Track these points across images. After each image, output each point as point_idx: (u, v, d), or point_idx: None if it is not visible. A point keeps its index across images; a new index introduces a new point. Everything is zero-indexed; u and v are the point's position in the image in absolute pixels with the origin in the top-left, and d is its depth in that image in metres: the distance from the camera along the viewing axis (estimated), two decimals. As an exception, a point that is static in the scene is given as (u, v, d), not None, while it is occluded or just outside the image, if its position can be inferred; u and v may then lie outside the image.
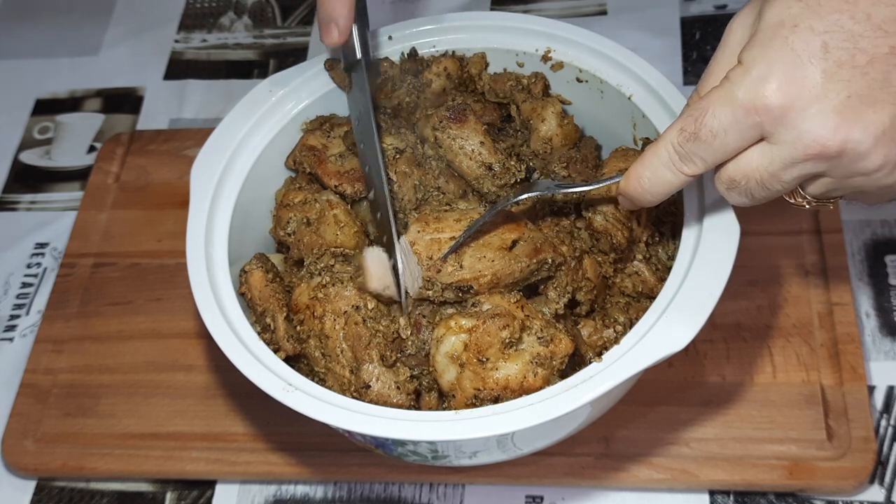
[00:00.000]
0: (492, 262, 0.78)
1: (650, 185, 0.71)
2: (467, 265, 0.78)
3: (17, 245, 1.17)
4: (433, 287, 0.79)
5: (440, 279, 0.78)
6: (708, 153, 0.67)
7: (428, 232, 0.80)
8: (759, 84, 0.63)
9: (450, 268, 0.78)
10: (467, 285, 0.78)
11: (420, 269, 0.79)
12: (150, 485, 0.97)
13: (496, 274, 0.78)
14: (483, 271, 0.78)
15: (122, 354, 1.03)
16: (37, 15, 1.40)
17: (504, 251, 0.79)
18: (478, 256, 0.78)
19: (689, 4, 1.24)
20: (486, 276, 0.78)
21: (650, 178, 0.70)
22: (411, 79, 0.95)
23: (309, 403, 0.75)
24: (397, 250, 0.80)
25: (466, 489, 0.92)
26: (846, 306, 0.93)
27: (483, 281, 0.78)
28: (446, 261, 0.78)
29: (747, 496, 0.88)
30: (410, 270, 0.80)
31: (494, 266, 0.78)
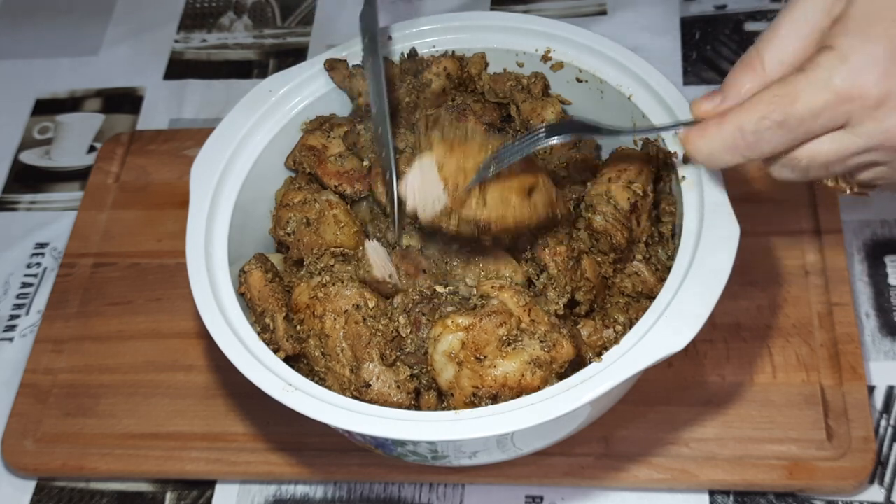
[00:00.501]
0: (514, 208, 0.75)
1: (706, 159, 0.70)
2: (491, 204, 0.74)
3: (17, 245, 1.17)
4: (451, 218, 0.75)
5: (462, 212, 0.74)
6: (786, 139, 0.65)
7: (454, 156, 0.75)
8: (858, 74, 0.62)
9: (474, 202, 0.74)
10: (487, 225, 0.75)
11: (445, 196, 0.74)
12: (150, 485, 0.97)
13: (517, 220, 0.75)
14: (506, 215, 0.75)
15: (122, 354, 1.03)
16: (37, 15, 1.40)
17: (524, 197, 0.76)
18: (501, 197, 0.75)
19: (689, 4, 1.24)
20: (507, 220, 0.75)
21: (707, 156, 0.69)
22: (411, 79, 0.95)
23: (308, 403, 0.75)
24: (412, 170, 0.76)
25: (466, 489, 0.92)
26: (846, 306, 0.93)
27: (503, 224, 0.75)
28: (470, 193, 0.74)
29: (747, 496, 0.88)
30: (427, 192, 0.75)
31: (517, 212, 0.75)
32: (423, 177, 0.76)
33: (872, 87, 0.62)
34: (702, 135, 0.69)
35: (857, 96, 0.62)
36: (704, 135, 0.69)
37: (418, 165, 0.76)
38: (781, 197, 1.01)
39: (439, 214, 0.75)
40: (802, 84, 0.64)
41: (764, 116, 0.65)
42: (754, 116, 0.66)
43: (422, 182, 0.76)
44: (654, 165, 0.88)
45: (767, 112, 0.65)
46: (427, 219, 0.76)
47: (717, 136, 0.68)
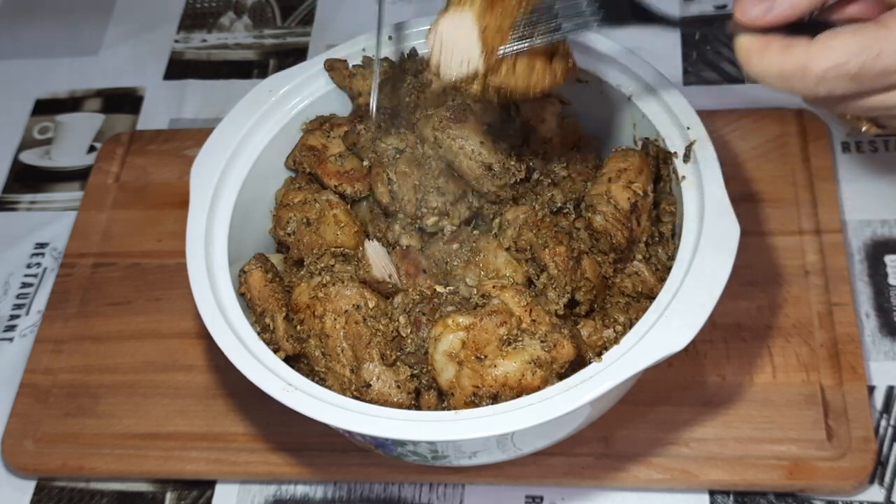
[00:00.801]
0: (538, 75, 0.71)
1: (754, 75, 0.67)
2: (520, 72, 0.70)
3: (16, 245, 1.17)
4: (474, 83, 0.70)
5: (492, 79, 0.69)
6: (850, 89, 0.65)
7: (494, 15, 0.68)
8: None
9: (504, 69, 0.69)
10: (511, 91, 0.71)
11: (480, 59, 0.68)
12: (149, 485, 0.97)
13: (540, 88, 0.71)
14: (534, 85, 0.70)
15: (122, 354, 1.03)
16: (37, 15, 1.40)
17: (547, 64, 0.71)
18: (528, 64, 0.70)
19: (689, 4, 1.24)
20: (530, 89, 0.70)
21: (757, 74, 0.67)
22: (411, 79, 0.95)
23: (308, 403, 0.75)
24: (445, 21, 0.69)
25: (466, 489, 0.92)
26: (846, 306, 0.93)
27: (525, 93, 0.71)
28: (504, 59, 0.69)
29: (747, 496, 0.88)
30: (459, 51, 0.69)
31: (538, 79, 0.71)
32: (456, 33, 0.69)
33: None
34: (761, 56, 0.66)
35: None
36: (763, 57, 0.66)
37: (454, 18, 0.69)
38: (781, 197, 1.01)
39: (464, 77, 0.70)
40: (886, 41, 0.63)
41: (838, 65, 0.64)
42: (826, 63, 0.64)
43: (455, 38, 0.69)
44: (654, 165, 0.88)
45: (843, 61, 0.64)
46: (448, 79, 0.71)
47: (775, 64, 0.66)
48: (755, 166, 1.04)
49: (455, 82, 0.70)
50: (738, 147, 1.05)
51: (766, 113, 1.07)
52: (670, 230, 0.88)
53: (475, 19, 0.68)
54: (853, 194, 1.03)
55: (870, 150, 1.06)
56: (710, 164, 0.82)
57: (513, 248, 0.83)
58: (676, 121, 0.86)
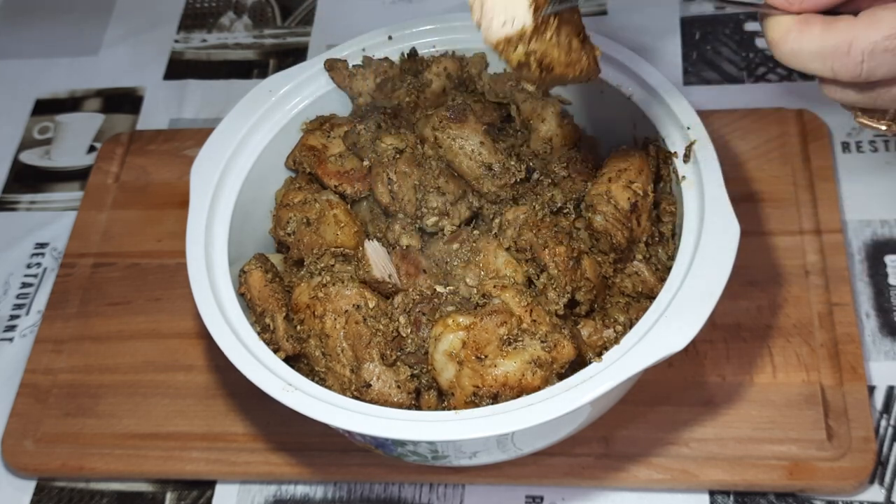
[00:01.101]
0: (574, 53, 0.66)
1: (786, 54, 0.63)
2: (562, 42, 0.64)
3: (16, 245, 1.17)
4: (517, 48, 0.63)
5: (536, 44, 0.63)
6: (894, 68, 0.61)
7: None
8: None
9: (549, 34, 0.63)
10: (551, 65, 0.65)
11: (529, 16, 0.62)
12: (149, 485, 0.97)
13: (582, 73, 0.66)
14: (574, 62, 0.65)
15: (122, 354, 1.03)
16: (37, 15, 1.40)
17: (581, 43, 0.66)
18: (569, 37, 0.65)
19: (689, 4, 1.24)
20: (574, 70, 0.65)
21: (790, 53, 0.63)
22: (411, 79, 0.95)
23: (309, 403, 0.75)
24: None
25: (466, 489, 0.92)
26: (846, 306, 0.93)
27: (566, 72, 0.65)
28: (548, 21, 0.63)
29: (747, 496, 0.88)
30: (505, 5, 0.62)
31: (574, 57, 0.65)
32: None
33: None
34: (800, 31, 0.62)
35: None
36: (804, 33, 0.62)
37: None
38: (781, 197, 1.01)
39: (507, 39, 0.63)
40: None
41: (890, 36, 0.60)
42: (875, 35, 0.61)
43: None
44: (654, 165, 0.88)
45: (894, 33, 0.60)
46: (491, 40, 0.64)
47: (816, 40, 0.62)
48: (755, 166, 1.04)
49: (498, 44, 0.63)
50: (738, 147, 1.05)
51: (766, 113, 1.07)
52: (670, 230, 0.88)
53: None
54: (853, 194, 1.03)
55: (870, 150, 1.06)
56: (710, 164, 0.82)
57: (513, 248, 0.83)
58: (676, 121, 0.86)
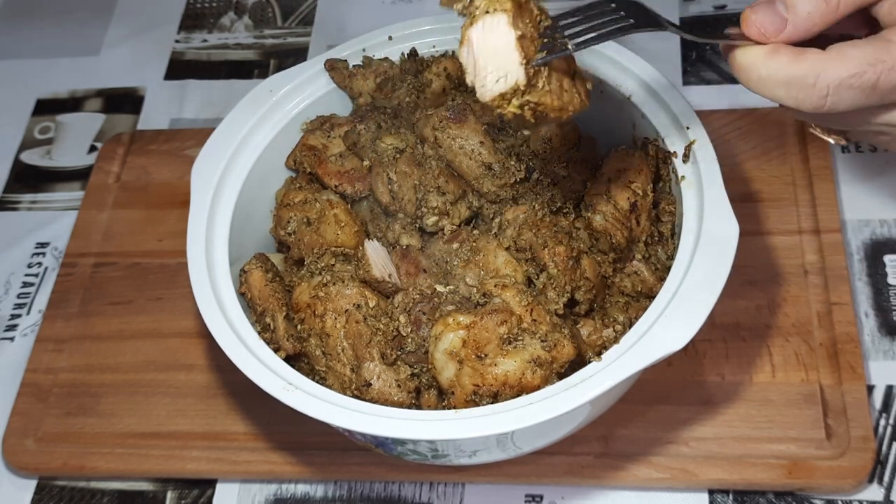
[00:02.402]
0: (566, 93, 0.65)
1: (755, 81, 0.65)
2: (555, 88, 0.64)
3: (17, 245, 1.17)
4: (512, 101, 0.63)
5: (530, 95, 0.63)
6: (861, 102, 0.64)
7: (524, 18, 0.62)
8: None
9: (542, 81, 0.63)
10: (545, 113, 0.65)
11: (521, 71, 0.61)
12: (150, 484, 0.97)
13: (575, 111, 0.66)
14: (567, 104, 0.65)
15: (123, 354, 1.03)
16: (37, 15, 1.40)
17: (572, 82, 0.66)
18: (560, 81, 0.64)
19: (689, 4, 1.24)
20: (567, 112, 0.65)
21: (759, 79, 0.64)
22: (411, 79, 0.95)
23: (309, 402, 0.75)
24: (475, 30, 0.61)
25: (466, 488, 0.92)
26: (845, 306, 0.94)
27: (559, 115, 0.65)
28: (539, 72, 0.63)
29: (746, 495, 0.88)
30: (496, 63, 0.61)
31: (567, 98, 0.65)
32: (491, 42, 0.61)
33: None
34: (768, 60, 0.64)
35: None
36: (771, 62, 0.64)
37: (485, 26, 0.61)
38: (781, 196, 1.01)
39: (501, 95, 0.63)
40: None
41: (854, 75, 0.62)
42: (843, 72, 0.63)
43: (490, 49, 0.61)
44: (654, 165, 0.88)
45: (860, 71, 0.62)
46: (486, 98, 0.63)
47: (783, 70, 0.64)
48: (755, 166, 1.04)
49: (493, 101, 0.63)
50: (738, 147, 1.05)
51: (765, 113, 1.07)
52: (670, 230, 0.88)
53: (510, 24, 0.61)
54: (852, 194, 1.03)
55: (869, 150, 1.07)
56: (709, 163, 0.82)
57: (512, 247, 0.83)
58: (676, 121, 0.86)
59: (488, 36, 0.61)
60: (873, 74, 0.63)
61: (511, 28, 0.61)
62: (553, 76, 0.64)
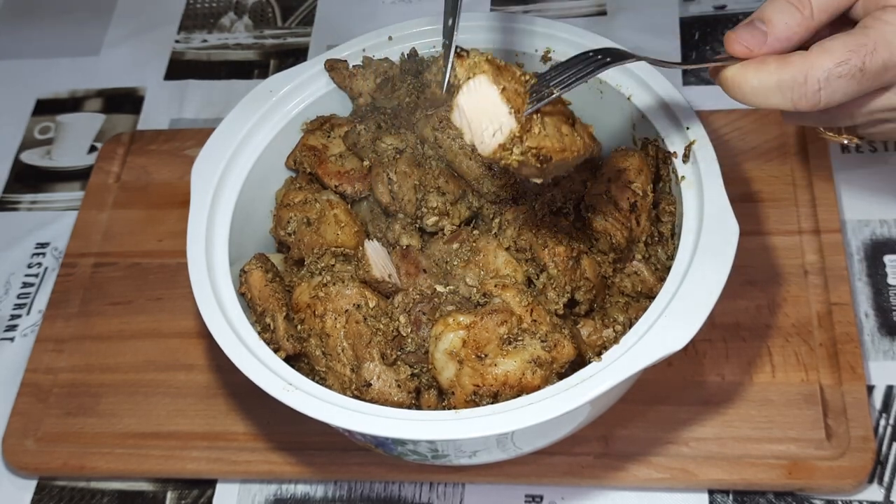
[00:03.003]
0: (566, 138, 0.68)
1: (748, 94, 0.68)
2: (551, 133, 0.67)
3: (17, 245, 1.17)
4: (513, 151, 0.66)
5: (527, 141, 0.66)
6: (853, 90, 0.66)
7: (505, 77, 0.65)
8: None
9: (536, 129, 0.66)
10: (548, 157, 0.67)
11: (512, 120, 0.65)
12: (150, 484, 0.97)
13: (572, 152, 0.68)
14: (570, 146, 0.68)
15: (123, 354, 1.03)
16: (38, 15, 1.40)
17: (571, 127, 0.70)
18: (556, 126, 0.67)
19: (689, 5, 1.24)
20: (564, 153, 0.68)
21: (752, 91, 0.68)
22: (411, 79, 0.95)
23: (309, 403, 0.75)
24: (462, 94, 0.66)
25: (466, 488, 0.92)
26: (845, 306, 0.94)
27: (561, 157, 0.68)
28: (532, 119, 0.66)
29: (746, 495, 0.88)
30: (488, 119, 0.66)
31: (568, 142, 0.68)
32: (478, 102, 0.66)
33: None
34: (757, 69, 0.67)
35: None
36: (760, 70, 0.67)
37: (470, 89, 0.66)
38: (781, 196, 1.01)
39: (501, 146, 0.66)
40: (880, 40, 0.65)
41: (840, 63, 0.65)
42: (828, 63, 0.65)
43: (479, 108, 0.66)
44: (654, 165, 0.88)
45: (844, 59, 0.65)
46: (487, 152, 0.67)
47: (774, 73, 0.66)
48: (755, 166, 1.04)
49: (495, 154, 0.67)
50: (738, 147, 1.05)
51: (765, 113, 1.07)
52: (670, 230, 0.88)
53: (491, 81, 0.65)
54: (852, 194, 1.03)
55: (869, 150, 1.07)
56: (709, 164, 0.83)
57: (512, 247, 0.83)
58: (676, 121, 0.86)
59: (474, 96, 0.66)
60: (858, 59, 0.65)
61: (493, 84, 0.65)
62: (548, 121, 0.67)
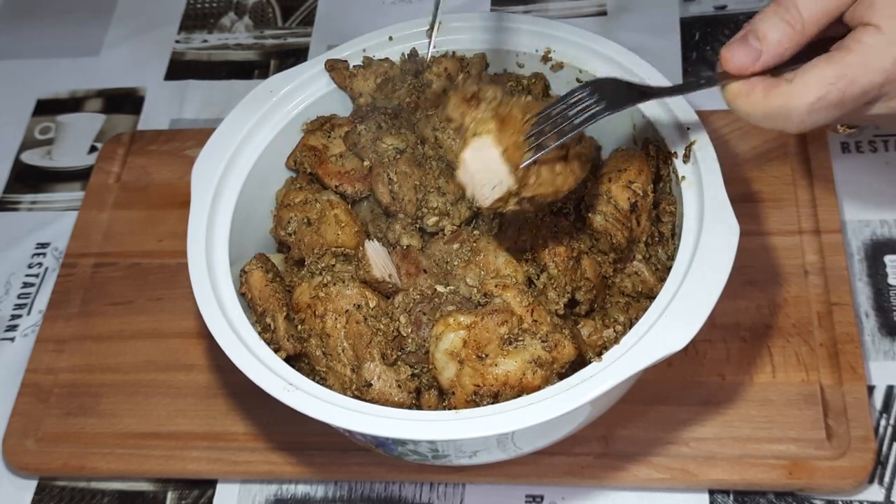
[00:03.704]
0: (560, 176, 0.73)
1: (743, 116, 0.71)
2: (546, 178, 0.73)
3: (18, 245, 1.17)
4: (510, 201, 0.73)
5: (524, 193, 0.72)
6: (833, 116, 0.69)
7: (507, 133, 0.71)
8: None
9: (532, 178, 0.72)
10: (541, 201, 0.74)
11: (511, 179, 0.71)
12: (151, 484, 0.97)
13: (566, 187, 0.74)
14: (561, 186, 0.74)
15: (123, 354, 1.03)
16: (38, 15, 1.40)
17: (565, 162, 0.74)
18: (551, 168, 0.73)
19: (689, 5, 1.24)
20: (562, 192, 0.74)
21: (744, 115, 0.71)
22: (412, 79, 0.95)
23: (309, 403, 0.75)
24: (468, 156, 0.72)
25: (466, 488, 0.92)
26: (845, 306, 0.94)
27: (556, 196, 0.74)
28: (529, 170, 0.71)
29: (747, 496, 0.88)
30: (488, 177, 0.72)
31: (562, 180, 0.73)
32: (481, 160, 0.72)
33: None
34: (746, 98, 0.70)
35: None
36: (749, 99, 0.70)
37: (474, 148, 0.72)
38: (781, 197, 1.01)
39: (499, 199, 0.73)
40: (857, 67, 0.67)
41: (820, 98, 0.68)
42: (809, 99, 0.68)
43: (481, 166, 0.72)
44: (654, 165, 0.88)
45: (823, 94, 0.68)
46: (486, 205, 0.73)
47: (760, 106, 0.70)
48: (755, 166, 1.04)
49: (493, 206, 0.73)
50: (738, 147, 1.05)
51: (765, 113, 1.07)
52: (670, 230, 0.88)
53: (495, 142, 0.71)
54: (853, 194, 1.03)
55: (869, 150, 1.07)
56: (709, 164, 0.83)
57: (513, 248, 0.83)
58: (676, 121, 0.86)
59: (478, 155, 0.71)
60: (837, 92, 0.68)
61: (496, 145, 0.71)
62: (543, 169, 0.72)
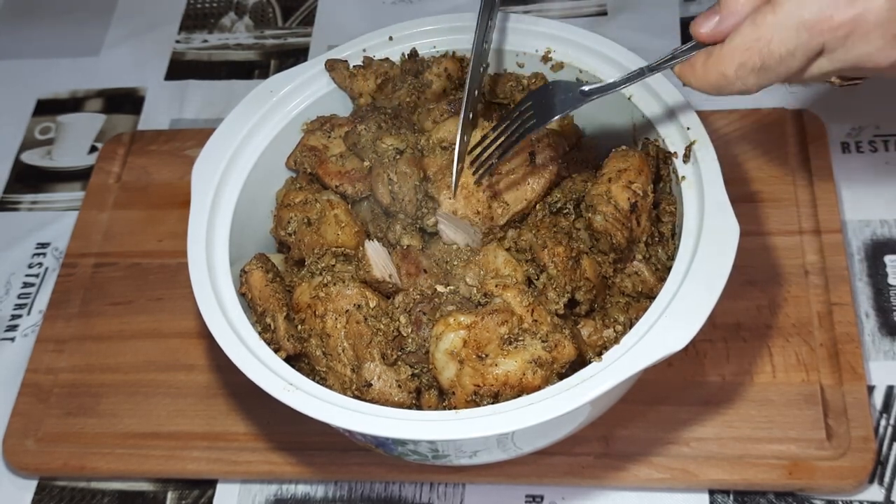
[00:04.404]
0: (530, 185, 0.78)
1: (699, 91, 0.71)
2: (511, 199, 0.79)
3: (18, 245, 1.17)
4: (492, 234, 0.82)
5: (497, 224, 0.81)
6: (769, 77, 0.68)
7: (461, 194, 0.80)
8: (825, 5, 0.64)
9: (499, 209, 0.79)
10: (521, 216, 0.81)
11: (476, 231, 0.80)
12: (151, 484, 0.97)
13: (539, 194, 0.79)
14: (528, 196, 0.79)
15: (123, 354, 1.03)
16: (38, 15, 1.40)
17: (532, 168, 0.78)
18: (514, 183, 0.79)
19: (689, 4, 1.24)
20: (532, 200, 0.79)
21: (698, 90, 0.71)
22: (412, 79, 0.95)
23: (309, 403, 0.75)
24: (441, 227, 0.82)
25: (467, 488, 0.92)
26: (846, 306, 0.94)
27: (531, 206, 0.80)
28: (491, 206, 0.79)
29: (747, 496, 0.88)
30: (462, 235, 0.82)
31: (532, 188, 0.78)
32: (451, 226, 0.81)
33: (840, 17, 0.64)
34: (692, 73, 0.71)
35: (828, 28, 0.65)
36: (694, 75, 0.71)
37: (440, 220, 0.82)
38: (781, 197, 1.01)
39: (484, 239, 0.81)
40: (772, 26, 0.66)
41: (742, 63, 0.68)
42: (733, 65, 0.68)
43: (453, 230, 0.81)
44: (654, 165, 0.88)
45: (745, 59, 0.67)
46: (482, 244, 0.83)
47: (702, 78, 0.71)
48: (755, 166, 1.04)
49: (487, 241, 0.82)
50: (738, 147, 1.05)
51: (766, 113, 1.07)
52: (670, 230, 0.88)
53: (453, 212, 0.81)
54: (853, 194, 1.03)
55: (870, 151, 1.07)
56: (709, 164, 0.83)
57: (513, 248, 0.83)
58: (676, 121, 0.86)
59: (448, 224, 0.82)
60: (756, 58, 0.67)
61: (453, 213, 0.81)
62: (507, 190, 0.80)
